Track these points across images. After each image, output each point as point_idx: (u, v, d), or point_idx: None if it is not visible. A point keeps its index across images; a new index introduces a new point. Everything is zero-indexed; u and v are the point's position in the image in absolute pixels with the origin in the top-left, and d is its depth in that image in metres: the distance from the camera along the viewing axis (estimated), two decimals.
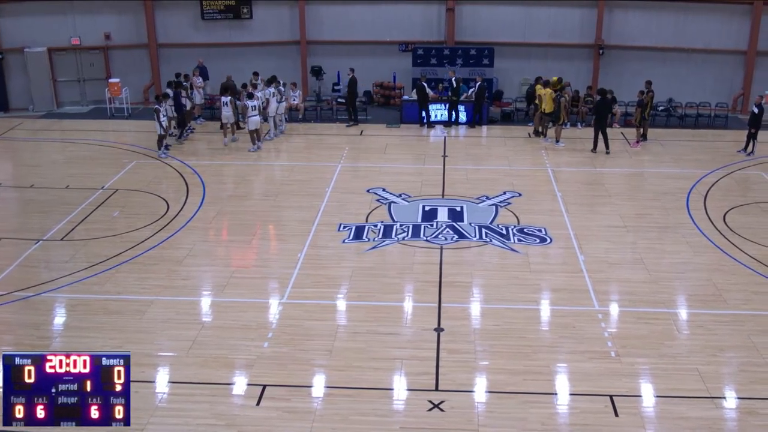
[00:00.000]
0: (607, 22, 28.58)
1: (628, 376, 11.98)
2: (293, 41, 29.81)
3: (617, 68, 28.69)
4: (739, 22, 27.90)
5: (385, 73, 29.63)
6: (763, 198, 19.71)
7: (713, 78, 28.43)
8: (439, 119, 26.69)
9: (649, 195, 20.07)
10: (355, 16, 29.47)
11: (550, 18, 28.90)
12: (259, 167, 22.59)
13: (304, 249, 16.58)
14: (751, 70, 28.13)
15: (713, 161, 22.71)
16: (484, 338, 13.03)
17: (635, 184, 21.23)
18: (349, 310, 14.22)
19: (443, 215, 18.42)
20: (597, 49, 28.76)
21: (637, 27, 28.62)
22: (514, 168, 22.22)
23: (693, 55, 28.41)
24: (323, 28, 29.69)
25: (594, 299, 14.40)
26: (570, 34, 28.99)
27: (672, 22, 28.33)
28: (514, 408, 11.18)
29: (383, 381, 11.88)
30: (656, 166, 22.57)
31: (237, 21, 29.60)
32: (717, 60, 28.50)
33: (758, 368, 12.15)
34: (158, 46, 29.75)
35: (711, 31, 28.16)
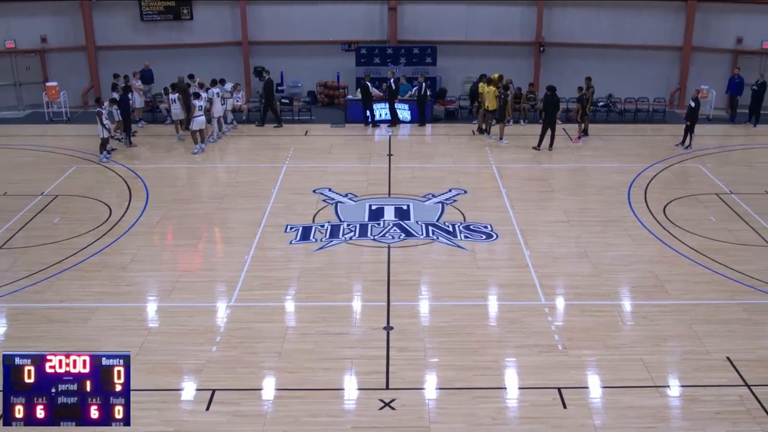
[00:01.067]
0: (547, 19, 28.99)
1: (575, 368, 12.16)
2: (235, 42, 29.56)
3: (558, 65, 29.11)
4: (674, 19, 28.57)
5: (328, 73, 29.60)
6: (701, 190, 20.20)
7: (651, 74, 29.05)
8: (383, 118, 26.74)
9: (591, 189, 20.42)
10: (297, 16, 29.34)
11: (491, 16, 29.18)
12: (203, 169, 22.35)
13: (251, 251, 16.46)
14: (687, 66, 28.82)
15: (653, 155, 23.20)
16: (433, 335, 13.10)
17: (578, 179, 21.56)
18: (297, 312, 14.16)
19: (390, 214, 18.46)
20: (538, 46, 29.15)
21: (576, 24, 29.09)
22: (459, 166, 22.37)
23: (631, 52, 28.98)
24: (265, 28, 29.50)
25: (540, 293, 14.58)
26: (511, 32, 29.32)
27: (610, 20, 28.87)
28: (464, 404, 11.26)
29: (334, 381, 11.86)
30: (598, 161, 22.96)
31: (177, 22, 29.23)
32: (654, 56, 29.13)
33: (700, 356, 12.45)
34: (96, 49, 29.21)
35: (647, 28, 28.78)
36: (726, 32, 28.38)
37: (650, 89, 28.28)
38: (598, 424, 10.80)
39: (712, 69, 28.48)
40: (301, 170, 21.92)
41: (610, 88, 28.16)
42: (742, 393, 11.46)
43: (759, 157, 23.54)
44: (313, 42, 29.50)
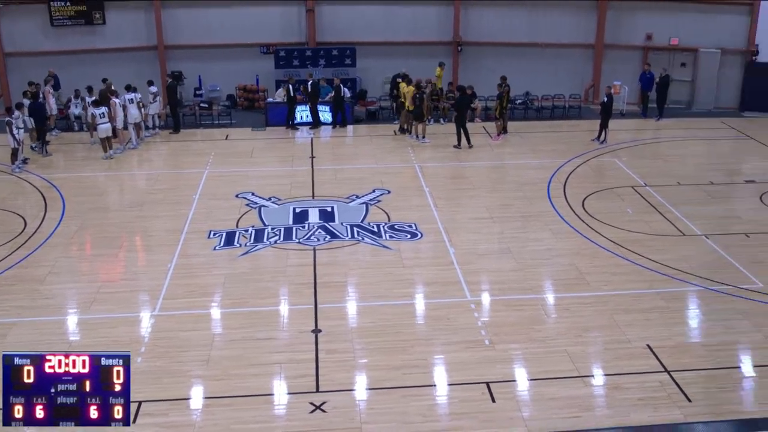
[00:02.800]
0: (464, 19, 29.36)
1: (502, 362, 12.35)
2: (150, 46, 28.98)
3: (476, 64, 29.50)
4: (586, 18, 29.30)
5: (247, 76, 29.29)
6: (617, 184, 20.76)
7: (566, 71, 29.71)
8: (304, 121, 26.63)
9: (512, 186, 20.76)
10: (214, 19, 28.93)
11: (409, 16, 29.37)
12: (122, 177, 21.86)
13: (173, 259, 16.18)
14: (600, 63, 29.60)
15: (570, 150, 23.74)
16: (362, 336, 13.12)
17: (498, 176, 21.90)
18: (224, 318, 13.98)
19: (314, 216, 18.41)
20: (456, 46, 29.49)
21: (492, 24, 29.53)
22: (381, 166, 22.46)
23: (546, 50, 29.58)
24: (181, 31, 28.99)
25: (466, 290, 14.76)
26: (429, 32, 29.57)
27: (525, 19, 29.42)
28: (394, 403, 11.31)
29: (263, 387, 11.76)
30: (517, 157, 23.37)
31: (89, 27, 28.47)
32: (568, 54, 29.80)
33: (621, 345, 12.80)
34: (5, 55, 28.24)
35: (561, 27, 29.44)
36: (636, 29, 29.28)
37: (565, 86, 28.93)
38: (526, 416, 10.98)
39: (623, 65, 29.34)
40: (222, 175, 21.66)
41: (527, 85, 28.69)
42: (662, 379, 11.82)
43: (669, 150, 24.35)
44: (231, 45, 29.16)
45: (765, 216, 18.52)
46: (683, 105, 29.40)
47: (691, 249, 16.60)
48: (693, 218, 18.21)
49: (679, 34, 28.92)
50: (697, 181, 20.92)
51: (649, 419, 10.94)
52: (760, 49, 28.10)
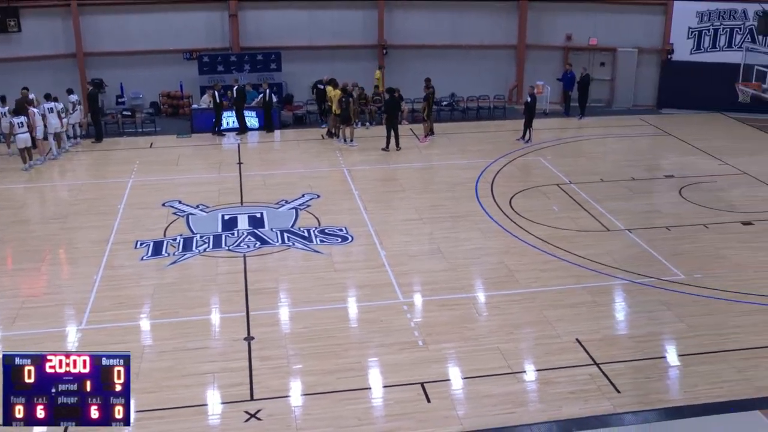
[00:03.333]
0: (389, 22, 29.51)
1: (436, 362, 12.43)
2: (69, 54, 28.27)
3: (401, 67, 29.64)
4: (507, 19, 29.79)
5: (171, 83, 28.84)
6: (543, 182, 21.14)
7: (490, 72, 30.15)
8: (231, 127, 26.36)
9: (440, 187, 20.94)
10: (134, 25, 28.40)
11: (333, 20, 29.38)
12: (43, 189, 21.27)
13: (100, 271, 15.80)
14: (522, 63, 30.14)
15: (496, 150, 24.07)
16: (295, 342, 13.05)
17: (427, 178, 22.07)
18: (153, 329, 13.72)
19: (244, 223, 18.23)
20: (381, 49, 29.60)
21: (416, 27, 29.76)
22: (310, 170, 22.39)
23: (470, 52, 29.95)
24: (101, 39, 28.34)
25: (398, 292, 14.81)
26: (354, 36, 29.62)
27: (448, 21, 29.73)
28: (329, 407, 11.27)
29: (196, 397, 11.58)
30: (445, 158, 23.59)
31: (3, 35, 27.59)
32: (492, 55, 30.25)
33: (551, 340, 13.03)
34: None
35: (484, 28, 29.87)
36: (556, 30, 29.94)
37: (490, 87, 29.34)
38: (461, 414, 11.08)
39: (546, 65, 29.94)
40: (148, 184, 21.27)
41: (452, 87, 28.99)
42: (592, 372, 12.08)
43: (592, 148, 24.93)
44: (153, 51, 28.63)
45: (684, 209, 19.13)
46: (603, 103, 30.18)
47: (616, 243, 17.02)
48: (616, 213, 18.68)
49: (598, 35, 29.67)
50: (619, 178, 21.47)
51: (580, 412, 11.15)
52: (675, 48, 29.03)
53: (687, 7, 28.65)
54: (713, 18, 28.45)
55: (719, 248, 16.74)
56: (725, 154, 23.62)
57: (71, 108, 24.68)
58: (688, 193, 20.23)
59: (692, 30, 28.78)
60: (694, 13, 28.64)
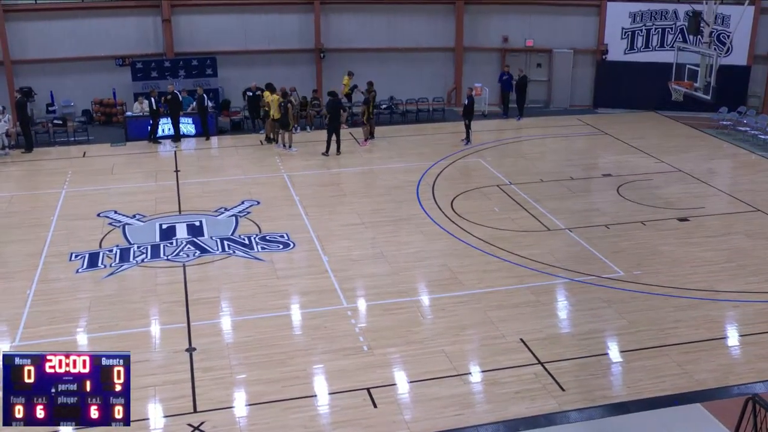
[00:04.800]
0: (325, 26, 29.36)
1: (381, 366, 12.34)
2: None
3: (339, 70, 29.49)
4: (444, 22, 29.92)
5: (103, 90, 28.16)
6: (483, 183, 21.25)
7: (428, 74, 30.23)
8: (166, 134, 25.87)
9: (381, 190, 20.88)
10: (63, 32, 27.63)
11: (268, 25, 29.11)
12: None
13: (33, 285, 15.30)
14: (460, 65, 30.29)
15: (436, 153, 24.12)
16: (238, 351, 12.82)
17: (368, 182, 21.98)
18: (91, 343, 13.30)
19: (182, 232, 17.88)
20: (318, 52, 29.43)
21: (353, 30, 29.69)
22: (249, 176, 22.11)
23: (407, 54, 29.98)
24: (29, 45, 27.52)
25: (342, 297, 14.68)
26: (290, 40, 29.38)
27: (384, 24, 29.74)
28: (275, 416, 11.09)
29: (137, 412, 11.20)
30: (385, 162, 23.54)
31: None
32: (429, 57, 30.34)
33: (496, 340, 13.06)
34: None
35: (421, 31, 29.94)
36: (493, 32, 30.15)
37: (429, 89, 29.41)
38: (408, 418, 11.01)
39: (483, 67, 30.15)
40: (82, 194, 20.72)
41: (391, 90, 28.96)
42: (537, 371, 12.14)
43: (530, 148, 25.17)
44: (84, 58, 27.92)
45: (622, 207, 19.42)
46: (541, 104, 30.55)
47: (557, 243, 17.18)
48: (556, 213, 18.86)
49: (534, 36, 30.00)
50: (559, 177, 21.71)
51: (526, 411, 11.19)
52: (609, 48, 29.53)
53: (620, 8, 29.22)
54: (645, 18, 29.04)
55: (657, 245, 17.03)
56: (660, 152, 24.10)
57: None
58: (626, 191, 20.55)
59: (625, 30, 29.33)
60: (627, 14, 29.21)
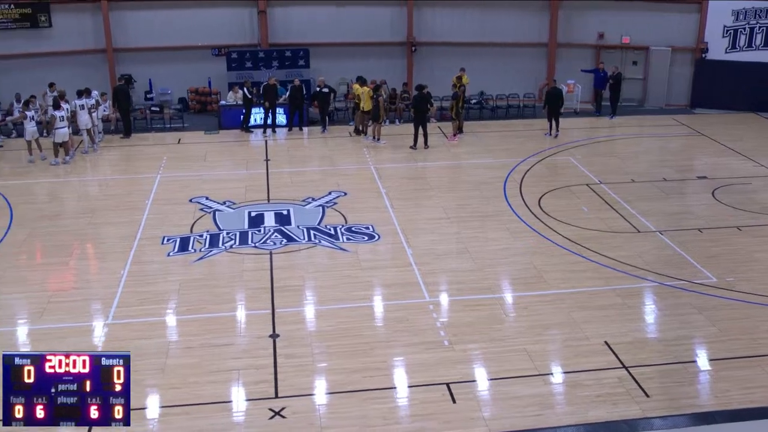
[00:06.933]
0: (417, 19, 29.38)
1: (462, 362, 12.29)
2: (99, 49, 28.46)
3: (430, 64, 29.52)
4: (538, 17, 29.55)
5: (199, 79, 28.93)
6: (572, 182, 20.89)
7: (519, 70, 29.90)
8: (259, 123, 26.35)
9: (468, 186, 20.77)
10: (163, 21, 28.52)
11: (362, 17, 29.30)
12: (71, 183, 21.39)
13: (126, 266, 15.84)
14: (553, 61, 29.85)
15: (525, 149, 23.85)
16: (321, 340, 12.98)
17: (455, 176, 21.91)
18: (180, 325, 13.72)
19: (270, 220, 18.20)
20: (410, 46, 29.47)
21: (446, 24, 29.61)
22: (337, 168, 22.33)
23: (500, 49, 29.72)
24: (130, 34, 28.52)
25: (424, 291, 14.69)
26: (382, 33, 29.52)
27: (478, 18, 29.55)
28: (354, 406, 11.18)
29: (221, 394, 11.55)
30: (473, 157, 23.41)
31: (35, 30, 27.84)
32: (521, 53, 30.01)
33: (579, 342, 12.84)
34: None
35: (514, 26, 29.63)
36: (588, 28, 29.59)
37: (520, 85, 29.09)
38: (486, 415, 10.94)
39: (577, 64, 29.58)
40: (176, 179, 21.32)
41: (481, 85, 28.78)
42: (621, 375, 11.88)
43: (622, 148, 24.61)
44: (182, 47, 28.76)
45: (717, 211, 18.79)
46: (636, 103, 29.84)
47: (646, 245, 16.75)
48: (647, 215, 18.40)
49: (631, 33, 29.30)
50: (651, 178, 21.16)
51: (608, 415, 10.96)
52: (709, 47, 28.59)
53: (723, 6, 28.22)
54: (749, 16, 27.97)
55: (753, 251, 16.41)
56: (759, 155, 23.20)
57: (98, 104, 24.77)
58: (721, 194, 19.88)
59: (727, 28, 28.33)
60: (729, 12, 28.21)
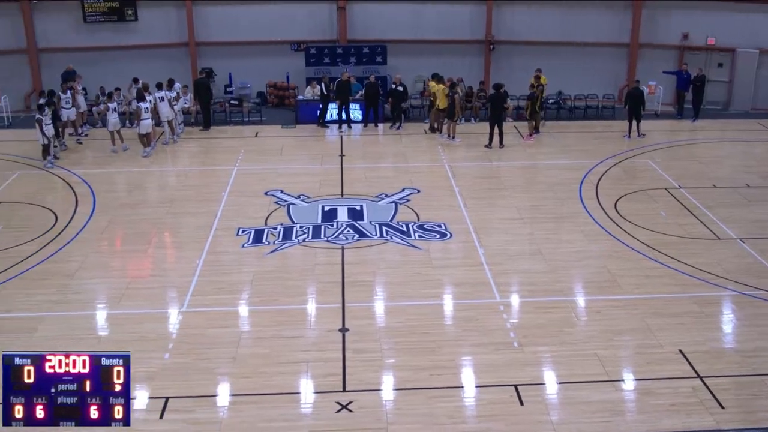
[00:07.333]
0: (497, 17, 29.15)
1: (531, 365, 12.18)
2: (182, 43, 29.15)
3: (508, 63, 29.27)
4: (621, 16, 28.95)
5: (278, 74, 29.32)
6: (650, 185, 20.44)
7: (599, 70, 29.36)
8: (335, 118, 26.54)
9: (543, 186, 20.53)
10: (245, 16, 29.02)
11: (441, 15, 29.23)
12: (152, 173, 21.95)
13: (202, 255, 16.18)
14: (635, 62, 29.22)
15: (603, 151, 23.42)
16: (390, 336, 13.02)
17: (530, 177, 21.68)
18: (251, 316, 13.95)
19: (343, 215, 18.33)
20: (488, 44, 29.28)
21: (525, 22, 29.30)
22: (411, 165, 22.34)
23: (580, 49, 29.25)
24: (212, 28, 29.13)
25: (495, 291, 14.59)
26: (461, 31, 29.40)
27: (557, 17, 29.13)
28: (421, 404, 11.19)
29: (290, 385, 11.70)
30: (549, 157, 23.11)
31: (122, 23, 28.70)
32: (602, 53, 29.47)
33: (653, 349, 12.56)
34: (38, 51, 28.55)
35: (595, 26, 29.11)
36: (672, 28, 28.83)
37: (599, 86, 28.58)
38: (554, 419, 10.81)
39: (659, 65, 28.86)
40: (252, 172, 21.67)
41: (559, 85, 28.38)
42: (695, 385, 11.58)
43: (704, 152, 23.93)
44: (262, 42, 29.20)
45: None
46: (720, 106, 28.94)
47: (726, 253, 16.27)
48: (728, 221, 17.87)
49: (716, 34, 28.44)
50: (733, 184, 20.53)
51: (681, 425, 10.71)
52: None
53: None
54: None
55: None
56: None
57: (178, 96, 25.34)
58: None
59: None
60: None
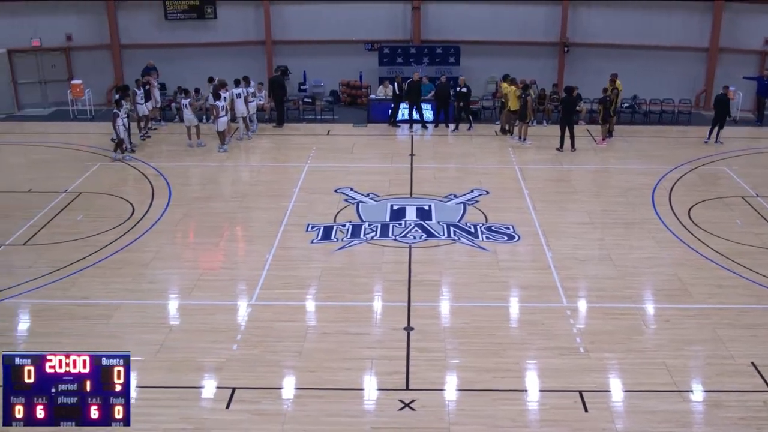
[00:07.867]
0: (572, 20, 28.81)
1: (596, 371, 12.05)
2: (258, 41, 29.64)
3: (582, 65, 28.89)
4: (700, 20, 28.27)
5: (351, 73, 29.56)
6: (726, 193, 19.96)
7: (676, 75, 28.74)
8: (406, 118, 26.61)
9: (615, 191, 20.23)
10: (320, 16, 29.34)
11: (515, 16, 29.03)
12: (225, 168, 22.40)
13: (272, 250, 16.47)
14: (713, 67, 28.51)
15: (677, 157, 22.95)
16: (454, 336, 13.04)
17: (601, 181, 21.39)
18: (318, 311, 14.14)
19: (411, 214, 18.40)
20: (562, 46, 28.97)
21: (600, 25, 28.87)
22: (481, 166, 22.27)
23: (656, 53, 28.69)
24: (288, 27, 29.54)
25: (562, 296, 14.46)
26: (535, 32, 29.16)
27: (634, 20, 28.61)
28: (484, 405, 11.19)
29: (354, 381, 11.83)
30: (622, 162, 22.75)
31: (201, 21, 29.35)
32: (679, 57, 28.83)
33: (724, 361, 12.29)
34: (121, 47, 29.41)
35: (673, 29, 28.51)
36: (754, 33, 28.02)
37: (675, 90, 27.99)
38: (619, 428, 10.68)
39: (738, 70, 28.05)
40: (322, 170, 21.92)
41: (634, 89, 27.87)
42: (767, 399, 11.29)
43: None
44: (336, 41, 29.48)
45: None
46: None
47: None
48: None
49: None
50: None
51: None
52: None
53: None
54: None
55: None
56: None
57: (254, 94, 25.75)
58: None
59: None
60: None
